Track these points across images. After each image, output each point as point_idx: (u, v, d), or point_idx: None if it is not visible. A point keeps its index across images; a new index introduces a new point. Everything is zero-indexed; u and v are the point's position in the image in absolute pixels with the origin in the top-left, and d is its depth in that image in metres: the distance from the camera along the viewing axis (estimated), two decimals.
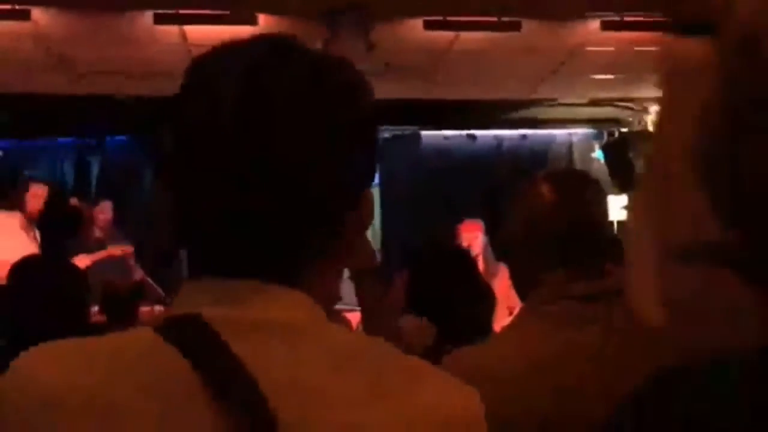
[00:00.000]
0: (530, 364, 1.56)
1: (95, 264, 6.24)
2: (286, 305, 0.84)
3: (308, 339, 0.83)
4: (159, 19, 5.93)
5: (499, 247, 5.31)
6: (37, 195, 6.21)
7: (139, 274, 6.36)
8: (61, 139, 8.84)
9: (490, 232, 6.18)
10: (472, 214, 6.54)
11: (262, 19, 5.95)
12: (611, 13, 6.06)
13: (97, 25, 6.13)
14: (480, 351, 1.72)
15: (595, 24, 6.21)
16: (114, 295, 4.66)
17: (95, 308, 4.83)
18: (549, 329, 1.61)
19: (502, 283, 4.27)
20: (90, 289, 3.06)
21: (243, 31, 5.77)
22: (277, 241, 0.85)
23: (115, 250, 6.53)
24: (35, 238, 6.25)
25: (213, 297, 0.84)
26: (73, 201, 6.90)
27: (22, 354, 0.84)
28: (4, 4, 5.69)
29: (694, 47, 1.02)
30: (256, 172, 0.83)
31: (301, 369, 0.81)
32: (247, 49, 0.89)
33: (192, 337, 0.80)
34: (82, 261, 5.99)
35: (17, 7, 5.71)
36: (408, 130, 9.14)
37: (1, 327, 2.68)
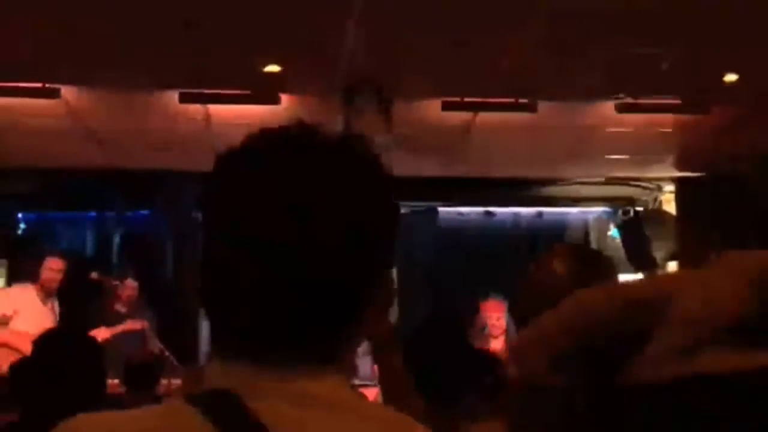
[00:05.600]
0: None
1: (114, 337, 6.32)
2: (323, 382, 0.88)
3: (349, 414, 0.87)
4: (184, 98, 6.08)
5: (515, 323, 5.30)
6: (52, 268, 6.31)
7: (156, 346, 6.41)
8: (83, 213, 8.96)
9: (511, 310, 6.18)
10: (489, 290, 6.55)
11: (284, 98, 6.09)
12: (625, 96, 6.16)
13: (124, 102, 6.30)
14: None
15: (609, 106, 6.32)
16: (136, 368, 4.70)
17: (115, 381, 4.88)
18: None
19: None
20: (107, 363, 3.06)
21: (265, 110, 5.92)
22: (314, 322, 0.89)
23: (134, 324, 6.60)
24: (52, 309, 6.34)
25: (249, 373, 0.88)
26: (94, 274, 6.98)
27: (63, 422, 0.87)
28: (34, 83, 5.87)
29: None
30: (297, 262, 0.86)
31: None
32: (278, 145, 0.92)
33: (226, 411, 0.84)
34: (101, 333, 6.07)
35: (47, 85, 5.89)
36: (425, 206, 9.22)
37: (16, 401, 2.68)
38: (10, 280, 7.41)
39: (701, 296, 1.01)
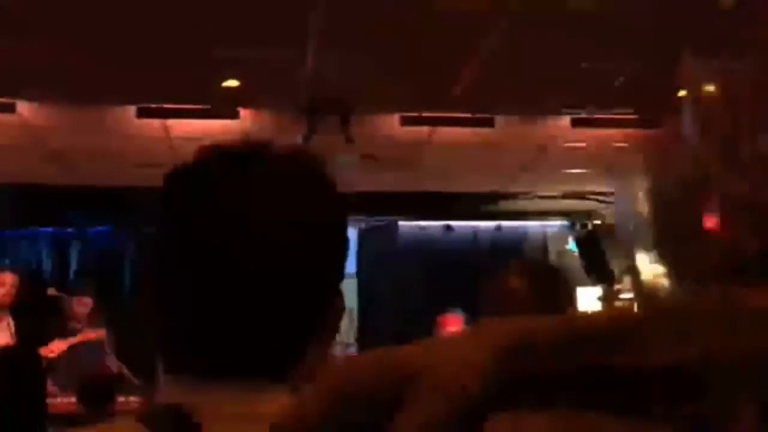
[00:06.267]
0: None
1: (71, 349, 6.23)
2: (276, 400, 0.87)
3: None
4: (142, 113, 6.03)
5: None
6: (4, 282, 6.21)
7: (113, 363, 6.33)
8: (41, 229, 8.84)
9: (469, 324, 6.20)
10: (448, 304, 6.57)
11: (243, 113, 6.07)
12: (581, 111, 6.24)
13: (80, 118, 6.24)
14: None
15: (565, 121, 6.40)
16: (91, 385, 4.65)
17: (72, 399, 4.82)
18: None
19: None
20: (58, 380, 3.01)
21: (224, 125, 5.91)
22: (267, 340, 0.88)
23: (90, 334, 6.50)
24: (8, 325, 6.23)
25: (204, 389, 0.87)
26: (51, 290, 6.88)
27: None
28: None
29: None
30: (249, 279, 0.86)
31: None
32: (240, 161, 0.91)
33: (174, 429, 0.84)
34: (57, 346, 5.98)
35: (2, 100, 5.82)
36: (385, 220, 9.23)
37: None
38: None
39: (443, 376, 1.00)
